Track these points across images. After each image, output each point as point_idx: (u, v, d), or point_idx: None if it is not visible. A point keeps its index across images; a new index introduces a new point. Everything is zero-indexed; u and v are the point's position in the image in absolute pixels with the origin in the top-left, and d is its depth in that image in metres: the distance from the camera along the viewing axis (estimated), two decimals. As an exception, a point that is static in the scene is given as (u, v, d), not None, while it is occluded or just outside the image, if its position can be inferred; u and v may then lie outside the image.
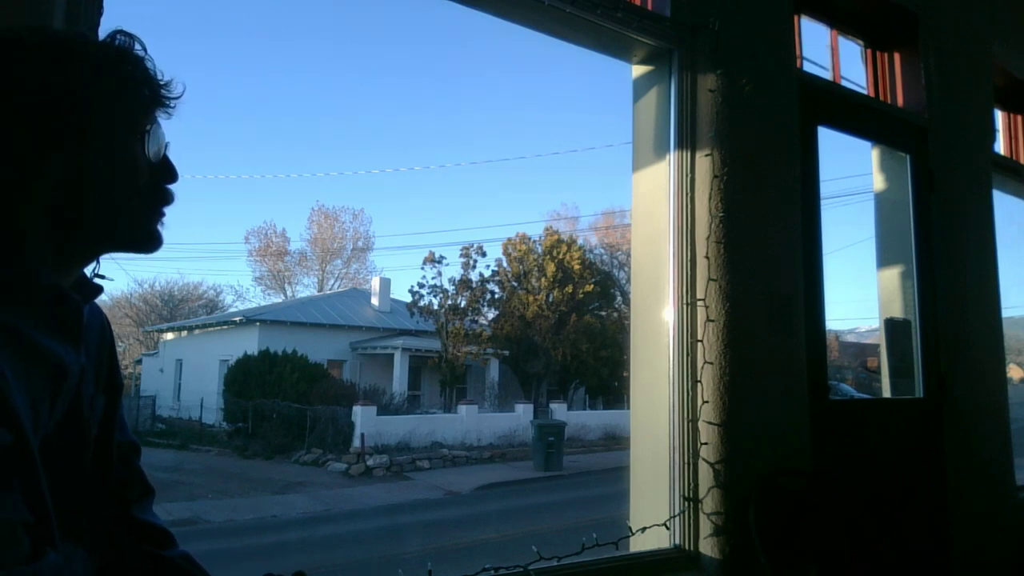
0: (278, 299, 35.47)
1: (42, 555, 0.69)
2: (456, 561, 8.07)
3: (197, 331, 26.87)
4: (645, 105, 2.37)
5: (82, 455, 0.87)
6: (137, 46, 0.88)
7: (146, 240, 0.90)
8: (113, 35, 0.87)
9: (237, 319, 24.53)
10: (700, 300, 2.17)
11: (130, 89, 0.86)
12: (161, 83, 0.90)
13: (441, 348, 22.96)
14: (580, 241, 26.91)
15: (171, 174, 0.92)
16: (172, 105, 0.92)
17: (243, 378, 20.43)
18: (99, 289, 0.93)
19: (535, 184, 48.72)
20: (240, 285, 54.67)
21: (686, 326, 2.17)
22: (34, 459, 0.71)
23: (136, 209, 0.87)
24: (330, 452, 16.76)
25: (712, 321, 2.15)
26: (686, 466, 2.10)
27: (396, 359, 23.29)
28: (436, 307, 23.60)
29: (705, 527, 2.08)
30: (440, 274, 23.80)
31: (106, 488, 0.94)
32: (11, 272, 0.77)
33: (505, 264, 24.63)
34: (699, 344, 2.15)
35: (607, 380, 24.48)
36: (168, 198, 0.91)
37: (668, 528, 2.10)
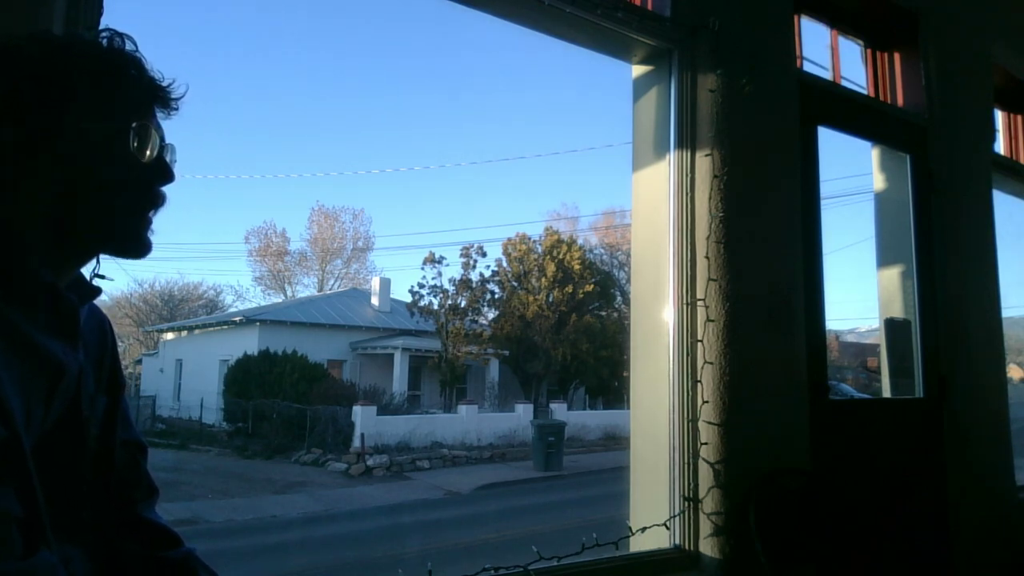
0: (278, 299, 35.50)
1: (35, 552, 0.69)
2: (456, 561, 8.07)
3: (197, 331, 26.87)
4: (645, 105, 2.37)
5: (81, 454, 0.87)
6: (128, 45, 0.87)
7: (133, 241, 0.88)
8: (100, 33, 0.87)
9: (237, 319, 24.53)
10: (700, 300, 2.17)
11: (113, 87, 0.84)
12: (156, 83, 0.88)
13: (441, 348, 22.96)
14: (580, 241, 26.97)
15: (165, 175, 0.89)
16: (173, 106, 0.90)
17: (243, 378, 20.43)
18: (97, 290, 0.93)
19: (535, 184, 48.78)
20: (240, 285, 54.76)
21: (686, 326, 2.16)
22: (25, 455, 0.70)
23: (123, 208, 0.86)
24: (330, 452, 16.76)
25: (712, 321, 2.15)
26: (686, 466, 2.10)
27: (396, 359, 23.28)
28: (436, 307, 23.60)
29: (705, 527, 2.08)
30: (440, 274, 23.83)
31: (108, 487, 0.94)
32: (8, 269, 0.77)
33: (505, 264, 24.63)
34: (699, 344, 2.14)
35: (607, 380, 24.47)
36: (158, 200, 0.89)
37: (668, 528, 2.09)
